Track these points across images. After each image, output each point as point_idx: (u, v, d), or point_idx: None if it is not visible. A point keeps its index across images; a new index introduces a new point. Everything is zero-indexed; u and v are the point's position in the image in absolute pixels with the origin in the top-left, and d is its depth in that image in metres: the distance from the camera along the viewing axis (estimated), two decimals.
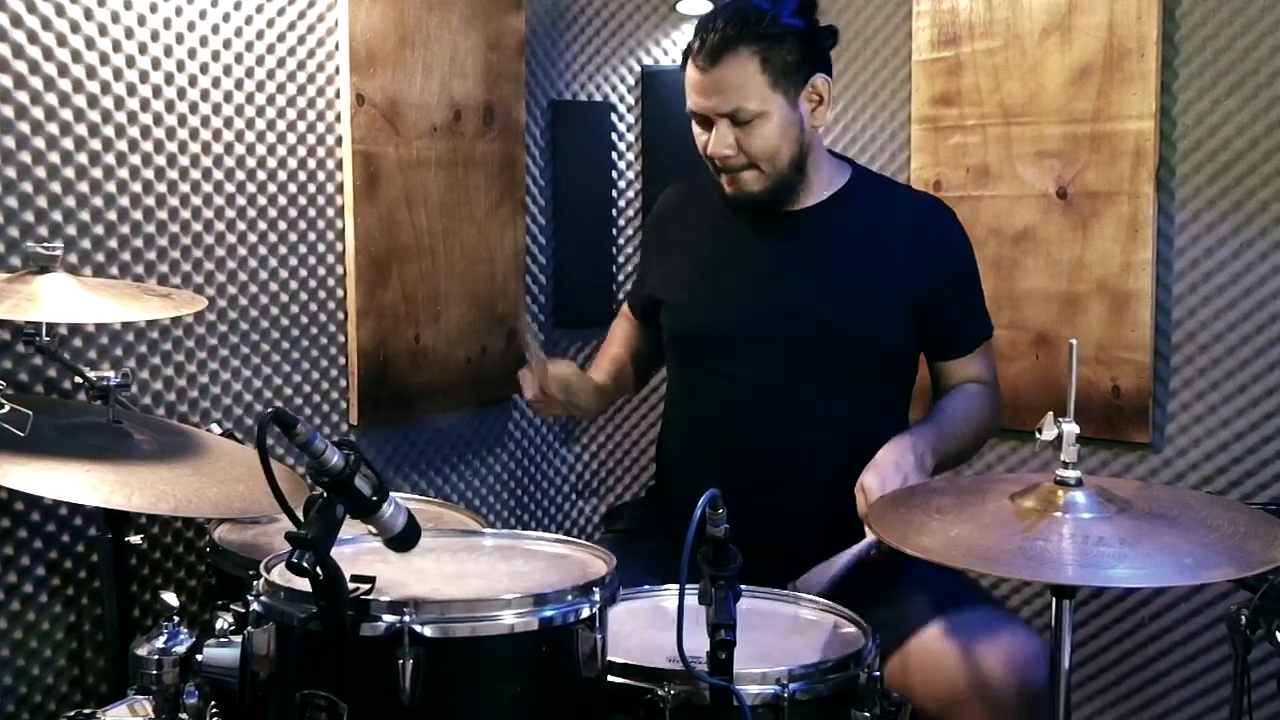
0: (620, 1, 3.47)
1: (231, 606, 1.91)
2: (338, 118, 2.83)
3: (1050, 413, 1.84)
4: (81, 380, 2.22)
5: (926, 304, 2.44)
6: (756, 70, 2.32)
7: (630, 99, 3.51)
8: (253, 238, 2.69)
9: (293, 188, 2.76)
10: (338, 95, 2.82)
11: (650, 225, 2.75)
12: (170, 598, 1.93)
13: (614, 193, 3.50)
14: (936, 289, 2.45)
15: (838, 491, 2.26)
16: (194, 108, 2.55)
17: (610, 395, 2.71)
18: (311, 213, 2.80)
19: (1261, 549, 1.73)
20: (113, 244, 2.43)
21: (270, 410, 1.57)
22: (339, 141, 2.84)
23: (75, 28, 2.34)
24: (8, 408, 1.54)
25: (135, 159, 2.46)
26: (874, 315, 2.43)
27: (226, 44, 2.60)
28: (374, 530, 1.73)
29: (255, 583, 1.75)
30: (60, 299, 2.05)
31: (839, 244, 2.46)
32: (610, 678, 1.78)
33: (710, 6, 3.39)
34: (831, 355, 2.42)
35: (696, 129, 2.42)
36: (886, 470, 2.21)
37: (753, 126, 2.34)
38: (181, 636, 1.89)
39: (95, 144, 2.39)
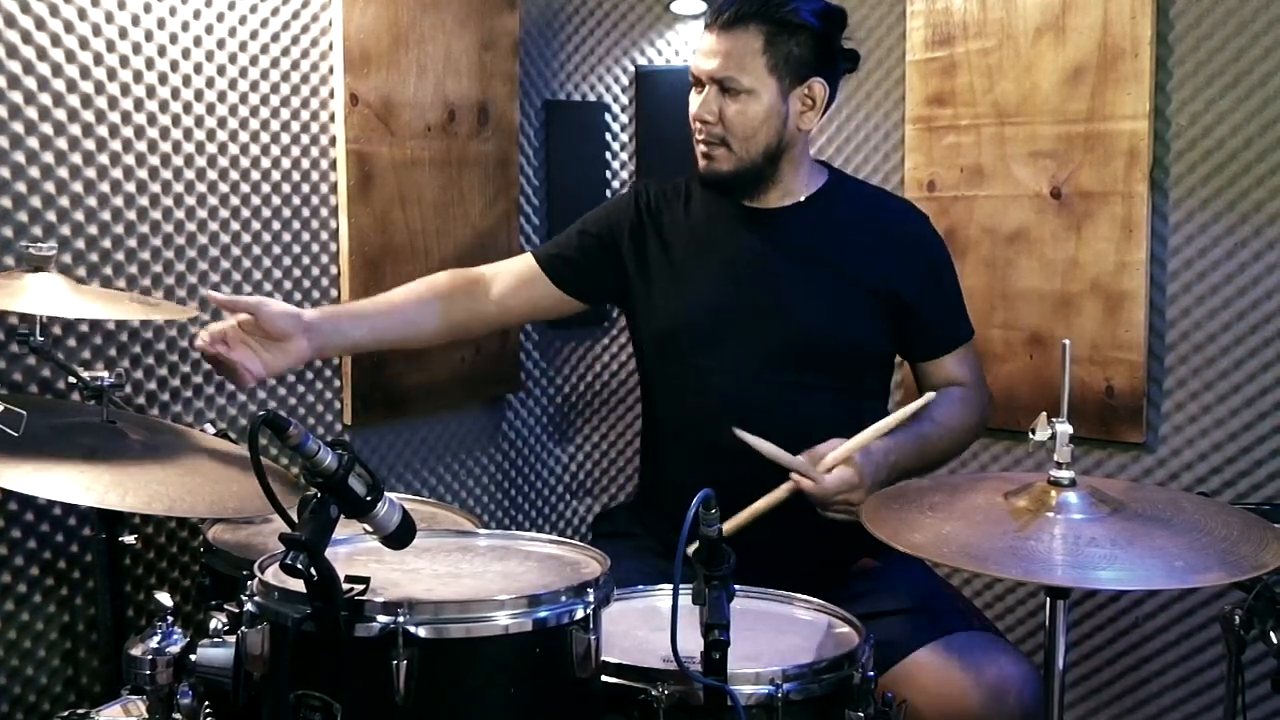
0: (614, 2, 3.47)
1: (225, 607, 1.92)
2: (331, 118, 2.83)
3: (1043, 413, 1.85)
4: (75, 380, 2.22)
5: (899, 304, 2.49)
6: (760, 48, 2.38)
7: (624, 99, 3.51)
8: (247, 237, 2.69)
9: (287, 188, 2.76)
10: (331, 95, 2.83)
11: (623, 207, 2.67)
12: (164, 598, 1.93)
13: (608, 193, 3.50)
14: (910, 290, 2.49)
15: None
16: (188, 108, 2.56)
17: (343, 340, 2.52)
18: (305, 213, 2.81)
19: (1253, 553, 1.74)
20: (107, 244, 2.43)
21: (262, 413, 1.57)
22: (333, 141, 2.84)
23: (69, 28, 2.34)
24: (2, 408, 1.54)
25: (130, 159, 2.46)
26: (846, 312, 2.48)
27: (220, 44, 2.60)
28: (369, 529, 1.73)
29: (249, 583, 1.75)
30: (53, 298, 2.06)
31: (813, 243, 2.50)
32: (604, 678, 1.79)
33: (703, 6, 3.40)
34: (805, 351, 2.46)
35: (692, 95, 2.47)
36: (859, 460, 2.25)
37: (738, 101, 2.40)
38: (175, 636, 1.89)
39: (89, 144, 2.39)
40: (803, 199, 2.53)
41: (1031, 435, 1.85)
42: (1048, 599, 1.84)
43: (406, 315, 2.59)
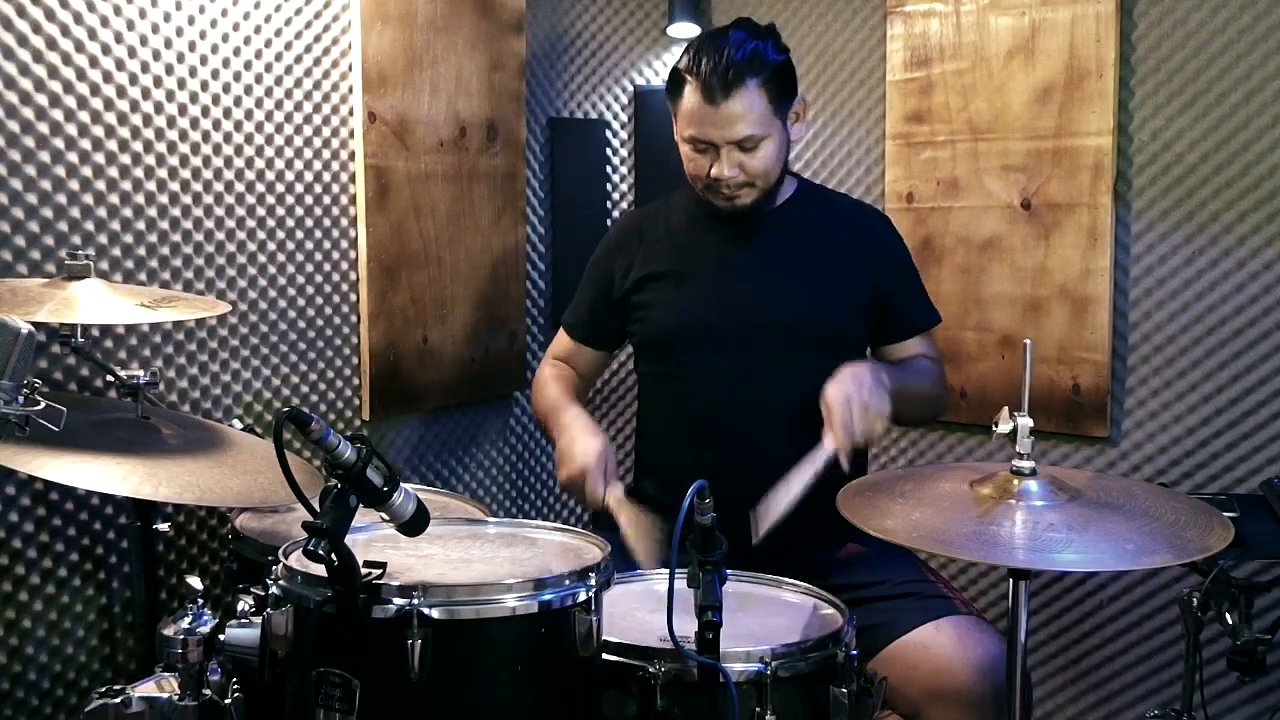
0: (614, 26, 3.48)
1: (252, 590, 1.92)
2: (351, 134, 2.83)
3: (1005, 408, 1.85)
4: (112, 379, 2.22)
5: (873, 293, 2.53)
6: (762, 100, 2.36)
7: (624, 116, 3.51)
8: (272, 246, 2.70)
9: (309, 199, 2.77)
10: (351, 113, 2.83)
11: (605, 251, 2.70)
12: (195, 581, 1.93)
13: (609, 204, 3.50)
14: (880, 281, 2.54)
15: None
16: (217, 125, 2.56)
17: None
18: (326, 223, 2.81)
19: (1198, 537, 1.74)
20: (141, 252, 2.44)
21: (286, 410, 1.58)
22: (352, 156, 2.84)
23: (106, 50, 2.35)
24: (43, 405, 1.54)
25: (163, 173, 2.46)
26: (829, 302, 2.50)
27: (247, 65, 2.61)
28: (386, 517, 1.73)
29: (274, 568, 1.76)
30: (94, 303, 2.06)
31: (795, 242, 2.53)
32: (605, 656, 1.79)
33: (698, 30, 3.40)
34: (794, 339, 2.48)
35: (691, 153, 2.44)
36: (846, 380, 2.26)
37: (756, 151, 2.39)
38: (205, 618, 1.89)
39: (125, 159, 2.40)
40: (779, 204, 2.55)
41: (994, 428, 1.85)
42: (1010, 580, 1.85)
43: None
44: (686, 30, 3.41)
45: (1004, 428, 1.84)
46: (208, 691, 1.84)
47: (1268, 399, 2.79)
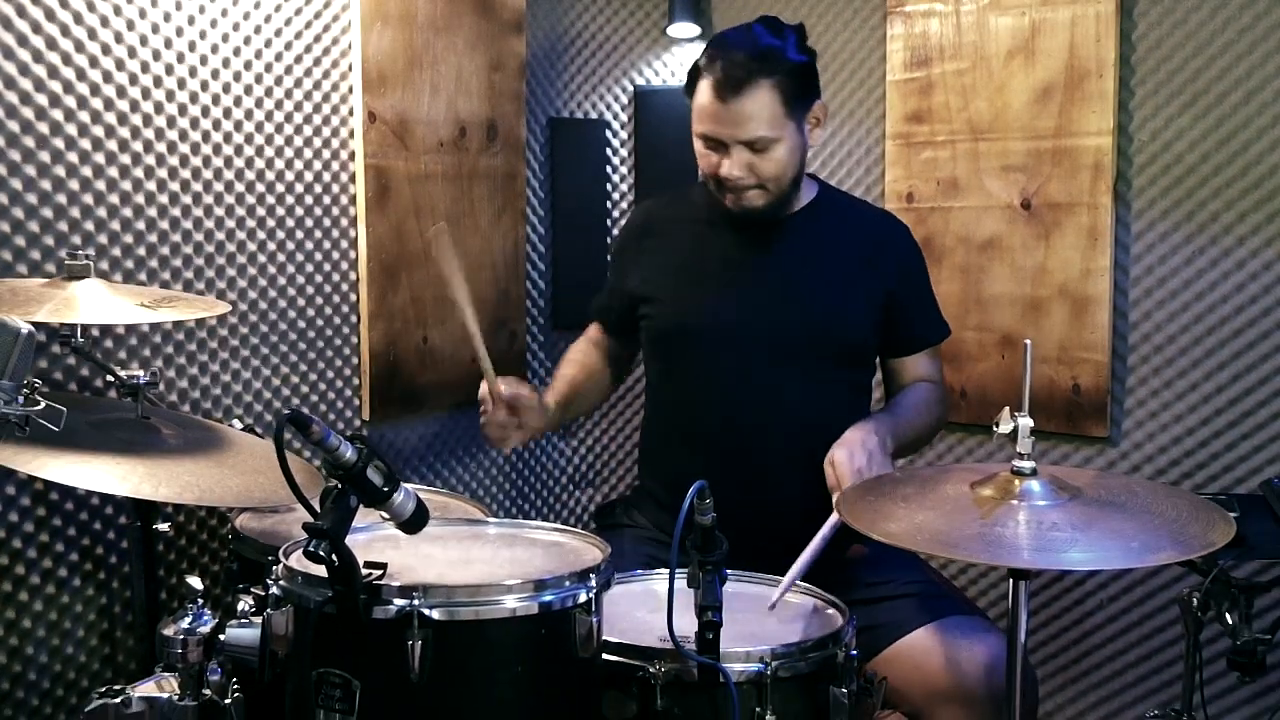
0: (615, 25, 3.47)
1: (252, 590, 1.92)
2: (351, 134, 2.83)
3: (1006, 408, 1.85)
4: (112, 379, 2.22)
5: (885, 303, 2.51)
6: (775, 101, 2.34)
7: (624, 116, 3.51)
8: (272, 246, 2.69)
9: (309, 199, 2.76)
10: (351, 113, 2.83)
11: (625, 238, 2.73)
12: (195, 581, 1.93)
13: (609, 204, 3.50)
14: (893, 291, 2.51)
15: (812, 473, 2.29)
16: (217, 125, 2.56)
17: (559, 418, 2.64)
18: (326, 223, 2.81)
19: (1202, 532, 1.74)
20: (141, 252, 2.44)
21: (287, 411, 1.58)
22: (352, 156, 2.84)
23: (106, 50, 2.35)
24: (43, 405, 1.54)
25: (163, 173, 2.46)
26: (842, 310, 2.48)
27: (247, 65, 2.61)
28: (386, 516, 1.73)
29: (274, 568, 1.76)
30: (94, 303, 2.06)
31: (811, 248, 2.51)
32: (605, 656, 1.79)
33: (698, 30, 3.40)
34: (806, 346, 2.46)
35: (704, 150, 2.42)
36: (854, 446, 2.26)
37: (767, 152, 2.37)
38: (205, 618, 1.89)
39: (125, 159, 2.39)
40: (799, 209, 2.53)
41: (995, 428, 1.85)
42: (1010, 580, 1.84)
43: (592, 393, 2.77)
44: (686, 30, 3.41)
45: (1005, 428, 1.84)
46: (208, 691, 1.83)
47: (1268, 399, 2.79)
